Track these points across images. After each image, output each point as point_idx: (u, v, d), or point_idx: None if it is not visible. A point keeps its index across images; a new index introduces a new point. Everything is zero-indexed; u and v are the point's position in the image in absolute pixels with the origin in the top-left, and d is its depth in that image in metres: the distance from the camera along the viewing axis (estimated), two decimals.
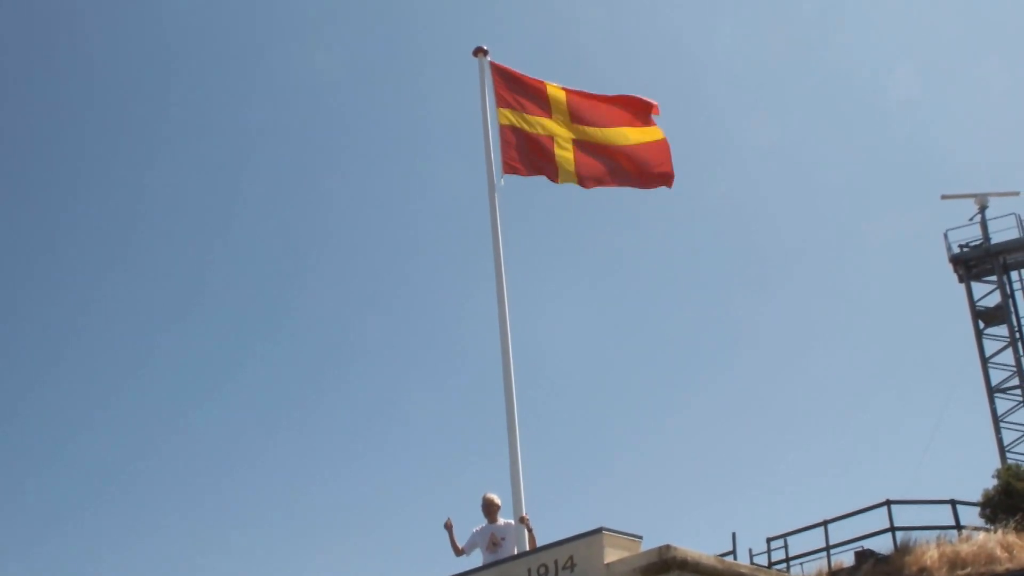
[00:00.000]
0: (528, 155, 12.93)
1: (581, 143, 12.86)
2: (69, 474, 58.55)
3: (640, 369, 64.49)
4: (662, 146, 12.93)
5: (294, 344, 64.28)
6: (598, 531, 10.40)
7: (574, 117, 12.96)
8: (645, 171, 12.91)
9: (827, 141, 68.45)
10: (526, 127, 12.98)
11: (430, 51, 67.79)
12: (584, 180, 12.93)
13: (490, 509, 11.94)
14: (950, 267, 37.01)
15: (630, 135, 12.89)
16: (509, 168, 12.95)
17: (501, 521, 11.86)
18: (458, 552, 11.88)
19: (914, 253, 62.57)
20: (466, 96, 13.21)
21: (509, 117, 13.01)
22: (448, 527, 11.91)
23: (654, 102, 12.99)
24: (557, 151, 12.91)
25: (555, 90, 13.10)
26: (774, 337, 64.04)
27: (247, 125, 67.54)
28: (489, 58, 13.41)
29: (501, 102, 13.13)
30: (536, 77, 13.16)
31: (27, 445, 58.70)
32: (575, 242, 67.32)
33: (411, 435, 60.94)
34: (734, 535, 25.90)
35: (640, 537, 10.64)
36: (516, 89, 13.11)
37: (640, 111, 12.96)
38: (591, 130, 12.93)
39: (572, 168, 12.89)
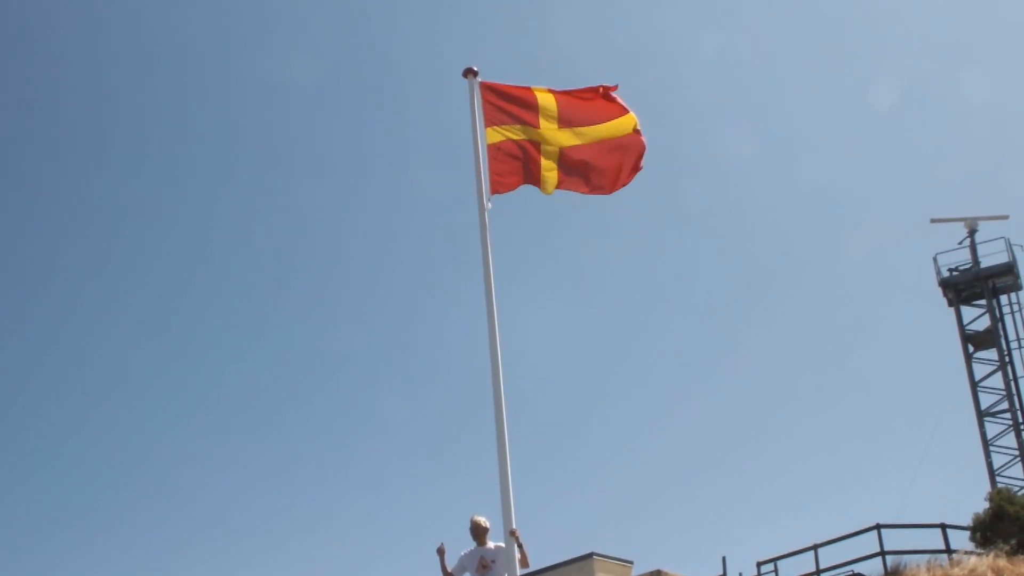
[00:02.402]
0: (516, 166, 12.91)
1: (568, 147, 12.84)
2: (56, 484, 58.32)
3: (628, 390, 64.49)
4: (636, 140, 12.90)
5: (278, 357, 64.18)
6: (589, 556, 10.35)
7: (563, 120, 12.92)
8: (625, 164, 12.87)
9: (812, 150, 68.74)
10: (513, 136, 12.95)
11: (420, 69, 67.94)
12: (563, 183, 12.94)
13: (479, 532, 11.83)
14: (939, 291, 37.09)
15: (616, 128, 12.85)
16: (496, 188, 12.91)
17: (491, 544, 11.75)
18: None
19: (903, 276, 62.75)
20: (456, 105, 13.17)
21: (497, 135, 12.97)
22: (440, 552, 11.81)
23: (612, 86, 12.95)
24: (543, 159, 12.90)
25: (543, 94, 13.04)
26: (762, 359, 64.05)
27: (235, 138, 67.58)
28: (479, 79, 13.36)
29: (490, 121, 13.08)
30: (523, 85, 13.13)
31: (12, 458, 58.40)
32: (558, 252, 67.40)
33: (398, 452, 60.81)
34: (724, 559, 25.72)
35: (631, 562, 10.59)
36: (504, 102, 13.05)
37: (611, 99, 12.91)
38: (581, 130, 12.88)
39: (554, 175, 12.90)
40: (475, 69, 13.36)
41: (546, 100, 12.97)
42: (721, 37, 69.83)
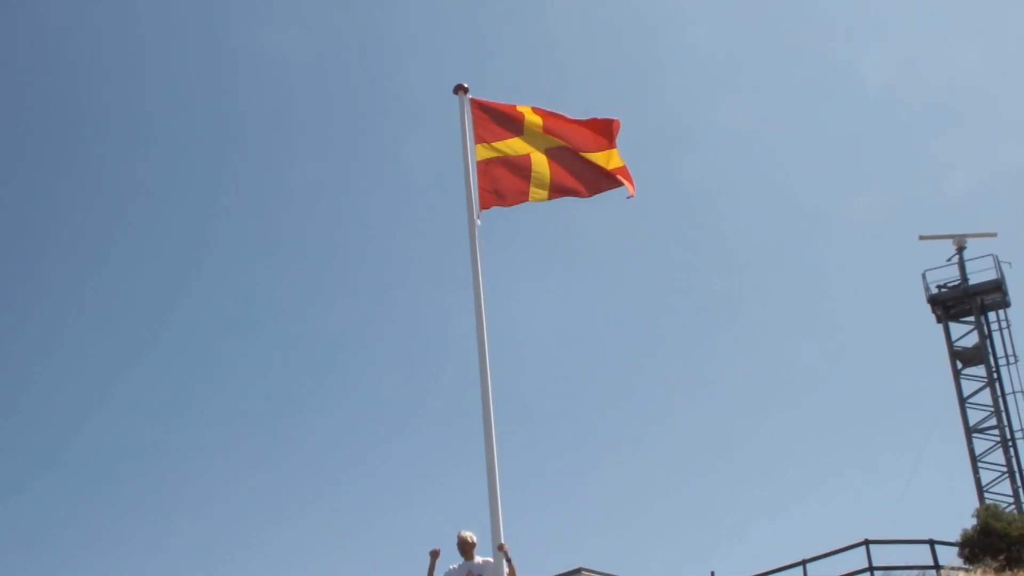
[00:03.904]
0: (505, 183, 13.03)
1: (555, 150, 12.97)
2: (61, 481, 58.26)
3: (617, 402, 64.50)
4: (623, 172, 13.07)
5: (275, 353, 64.17)
6: (577, 571, 10.34)
7: (546, 131, 13.07)
8: (609, 180, 13.03)
9: (803, 128, 68.90)
10: (502, 153, 13.06)
11: (413, 78, 68.04)
12: (554, 191, 13.05)
13: (465, 547, 11.82)
14: (928, 307, 37.23)
15: (600, 158, 13.03)
16: (486, 204, 13.01)
17: (478, 559, 11.75)
18: None
19: (892, 293, 62.95)
20: (450, 94, 13.22)
21: (486, 151, 13.08)
22: (434, 555, 11.72)
23: (615, 119, 13.10)
24: (533, 166, 13.02)
25: (527, 112, 13.18)
26: (750, 375, 64.17)
27: (233, 139, 67.57)
28: (469, 95, 13.45)
29: (479, 138, 13.18)
30: (509, 101, 13.28)
31: (15, 455, 58.31)
32: (549, 243, 67.43)
33: (389, 460, 60.79)
34: (712, 574, 25.84)
35: None
36: (493, 118, 13.17)
37: (604, 133, 13.05)
38: (564, 143, 13.05)
39: (547, 180, 13.01)
40: (465, 86, 13.44)
41: (530, 116, 13.14)
42: (713, 17, 70.18)
